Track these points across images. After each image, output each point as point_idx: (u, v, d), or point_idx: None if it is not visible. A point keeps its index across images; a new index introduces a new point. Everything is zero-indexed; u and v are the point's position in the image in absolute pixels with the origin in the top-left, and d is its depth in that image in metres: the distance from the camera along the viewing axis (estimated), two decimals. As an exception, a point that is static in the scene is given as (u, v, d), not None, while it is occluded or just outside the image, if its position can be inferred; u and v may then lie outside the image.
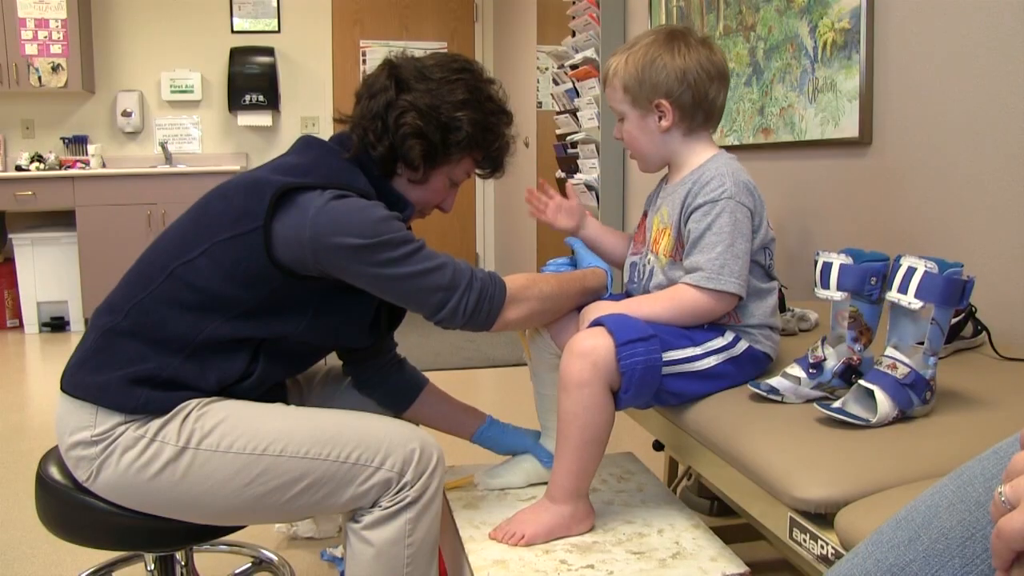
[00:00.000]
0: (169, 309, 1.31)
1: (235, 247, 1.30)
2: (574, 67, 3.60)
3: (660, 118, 1.40)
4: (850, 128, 2.01)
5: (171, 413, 1.28)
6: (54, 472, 1.36)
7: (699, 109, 1.40)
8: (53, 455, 1.40)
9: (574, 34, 3.65)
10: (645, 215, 1.54)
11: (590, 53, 3.46)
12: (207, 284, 1.30)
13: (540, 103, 4.95)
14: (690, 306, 1.33)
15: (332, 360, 1.66)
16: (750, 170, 2.33)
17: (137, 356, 1.29)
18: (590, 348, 1.28)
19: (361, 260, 1.29)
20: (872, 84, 1.95)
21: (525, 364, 1.65)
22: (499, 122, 1.49)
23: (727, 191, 1.32)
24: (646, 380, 1.27)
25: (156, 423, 1.28)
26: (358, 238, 1.28)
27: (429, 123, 1.40)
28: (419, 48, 5.89)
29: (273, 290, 1.32)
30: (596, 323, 1.31)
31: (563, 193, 1.66)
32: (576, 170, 3.65)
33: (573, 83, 3.64)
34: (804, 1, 2.17)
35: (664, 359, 1.29)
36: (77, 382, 1.31)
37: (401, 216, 1.37)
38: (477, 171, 1.53)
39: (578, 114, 3.63)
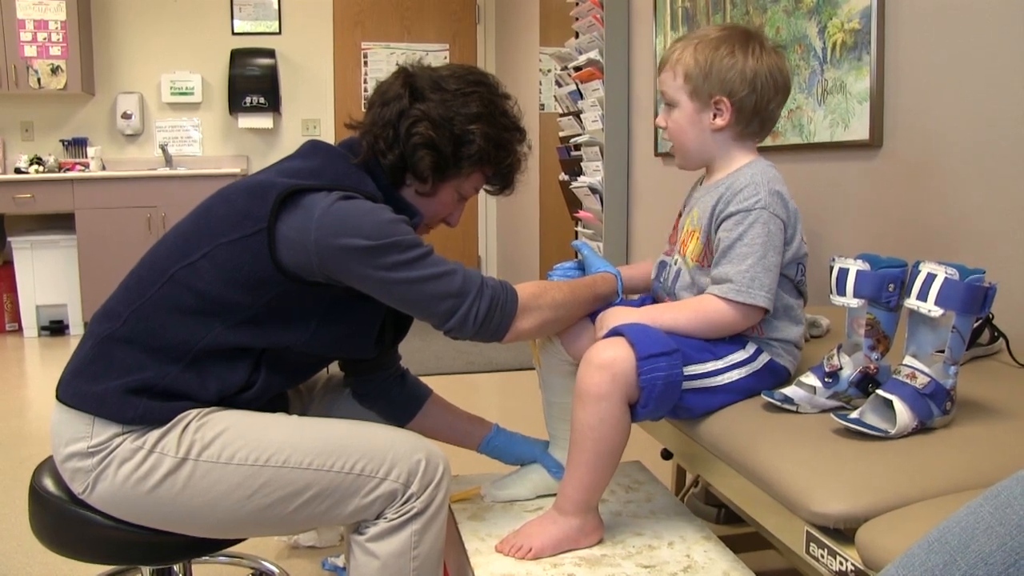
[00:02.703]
0: (168, 314, 1.28)
1: (238, 250, 1.27)
2: (577, 69, 3.57)
3: (715, 116, 1.35)
4: (860, 130, 1.98)
5: (170, 423, 1.25)
6: (48, 484, 1.33)
7: (757, 116, 1.35)
8: (47, 466, 1.36)
9: (577, 35, 3.62)
10: (680, 215, 1.50)
11: (594, 55, 3.43)
12: (208, 288, 1.27)
13: (543, 105, 4.92)
14: (715, 318, 1.28)
15: (334, 368, 1.63)
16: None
17: (135, 365, 1.26)
18: (609, 360, 1.23)
19: (368, 263, 1.26)
20: (883, 85, 1.92)
21: (530, 368, 1.63)
22: (512, 138, 1.46)
23: (761, 201, 1.28)
24: (666, 395, 1.24)
25: (155, 434, 1.25)
26: (365, 239, 1.25)
27: (441, 134, 1.37)
28: (421, 50, 5.91)
29: (276, 296, 1.28)
30: (615, 332, 1.27)
31: (565, 195, 1.64)
32: (580, 173, 3.62)
33: (576, 85, 3.61)
34: (813, 1, 2.14)
35: (684, 374, 1.26)
36: (73, 391, 1.27)
37: (410, 222, 1.34)
38: (486, 187, 1.51)
39: (582, 116, 3.60)
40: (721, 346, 1.31)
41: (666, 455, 2.16)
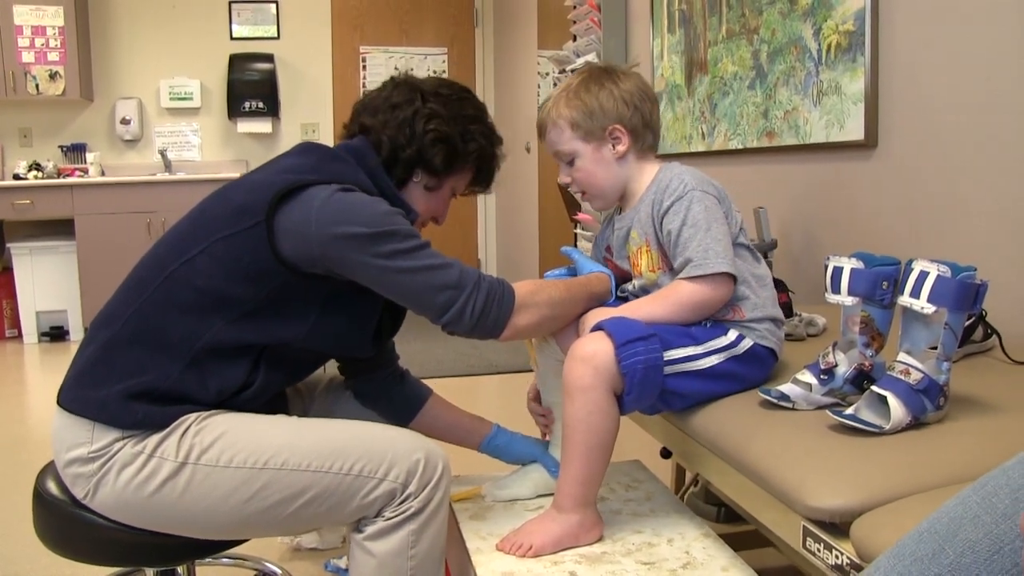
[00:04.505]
0: (168, 312, 1.29)
1: (236, 244, 1.28)
2: (575, 72, 3.58)
3: (615, 145, 1.43)
4: (855, 131, 2.00)
5: (170, 428, 1.26)
6: (52, 487, 1.34)
7: (648, 130, 1.45)
8: (51, 470, 1.37)
9: (575, 38, 3.64)
10: (607, 260, 1.55)
11: (591, 57, 3.44)
12: (207, 283, 1.28)
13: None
14: (688, 299, 1.33)
15: (334, 369, 1.65)
16: (754, 173, 2.32)
17: (136, 367, 1.27)
18: (591, 353, 1.27)
19: (366, 251, 1.27)
20: (877, 86, 1.93)
21: (530, 370, 1.64)
22: (497, 141, 1.57)
23: (688, 184, 1.36)
24: (648, 380, 1.26)
25: (154, 438, 1.25)
26: (364, 227, 1.27)
27: (452, 130, 1.46)
28: (419, 54, 5.92)
29: (275, 288, 1.29)
30: (596, 328, 1.30)
31: (564, 198, 1.67)
32: (577, 175, 3.63)
33: (574, 88, 3.62)
34: (808, 3, 2.15)
35: (665, 358, 1.28)
36: (74, 397, 1.29)
37: (406, 216, 1.36)
38: (471, 187, 1.58)
39: (579, 119, 3.61)
40: (701, 332, 1.35)
41: (665, 454, 2.17)
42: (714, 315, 1.36)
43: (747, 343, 1.35)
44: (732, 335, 1.35)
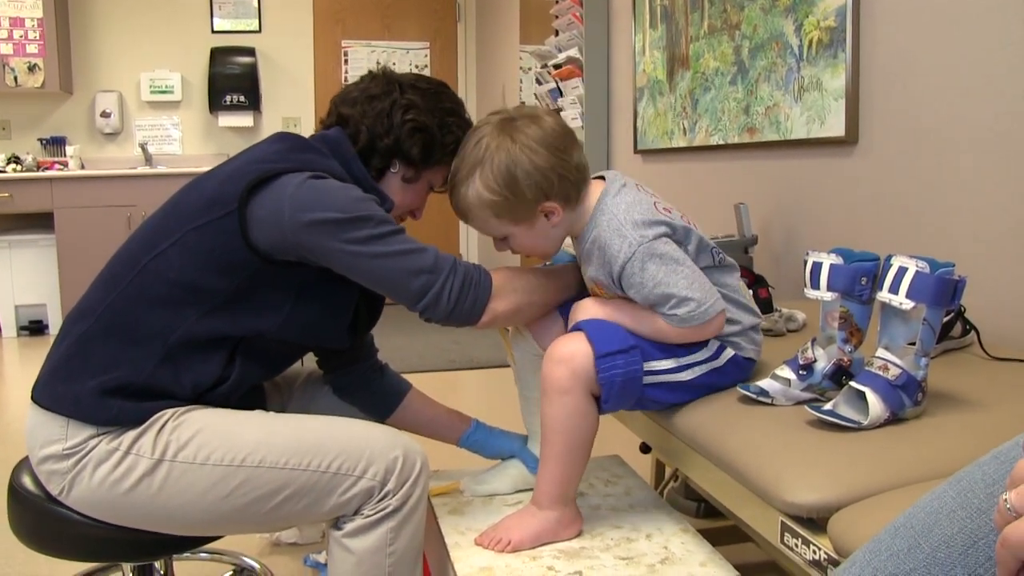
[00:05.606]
0: (141, 306, 1.27)
1: (209, 234, 1.27)
2: (557, 67, 3.59)
3: (548, 217, 1.31)
4: (836, 127, 2.00)
5: (146, 424, 1.25)
6: (27, 482, 1.32)
7: (574, 186, 1.29)
8: (26, 465, 1.35)
9: (557, 33, 3.64)
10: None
11: (573, 52, 3.44)
12: (179, 275, 1.27)
13: (523, 103, 4.93)
14: (677, 337, 1.28)
15: (312, 363, 1.64)
16: (735, 169, 2.30)
17: (111, 362, 1.25)
18: (569, 354, 1.25)
19: (340, 236, 1.26)
20: (858, 83, 1.94)
21: (509, 366, 1.63)
22: None
23: (631, 242, 1.24)
24: (626, 391, 1.26)
25: (130, 435, 1.24)
26: (337, 212, 1.26)
27: (430, 120, 1.43)
28: (401, 48, 5.89)
29: (248, 277, 1.28)
30: (577, 328, 1.29)
31: None
32: (560, 170, 3.63)
33: (556, 83, 3.62)
34: (789, -1, 2.15)
35: (645, 368, 1.27)
36: (49, 392, 1.27)
37: (380, 204, 1.35)
38: (443, 186, 1.53)
39: (561, 113, 3.61)
40: (681, 348, 1.31)
41: (645, 449, 2.18)
42: None
43: (728, 353, 1.33)
44: (712, 347, 1.32)
